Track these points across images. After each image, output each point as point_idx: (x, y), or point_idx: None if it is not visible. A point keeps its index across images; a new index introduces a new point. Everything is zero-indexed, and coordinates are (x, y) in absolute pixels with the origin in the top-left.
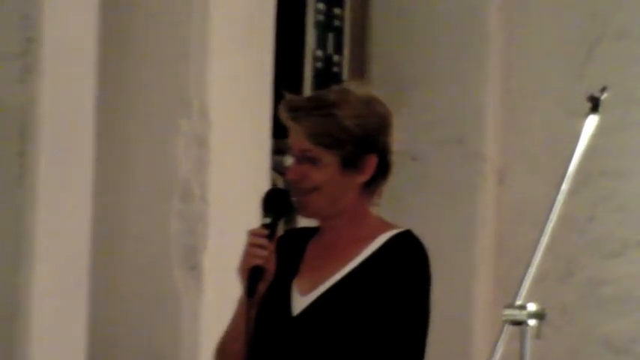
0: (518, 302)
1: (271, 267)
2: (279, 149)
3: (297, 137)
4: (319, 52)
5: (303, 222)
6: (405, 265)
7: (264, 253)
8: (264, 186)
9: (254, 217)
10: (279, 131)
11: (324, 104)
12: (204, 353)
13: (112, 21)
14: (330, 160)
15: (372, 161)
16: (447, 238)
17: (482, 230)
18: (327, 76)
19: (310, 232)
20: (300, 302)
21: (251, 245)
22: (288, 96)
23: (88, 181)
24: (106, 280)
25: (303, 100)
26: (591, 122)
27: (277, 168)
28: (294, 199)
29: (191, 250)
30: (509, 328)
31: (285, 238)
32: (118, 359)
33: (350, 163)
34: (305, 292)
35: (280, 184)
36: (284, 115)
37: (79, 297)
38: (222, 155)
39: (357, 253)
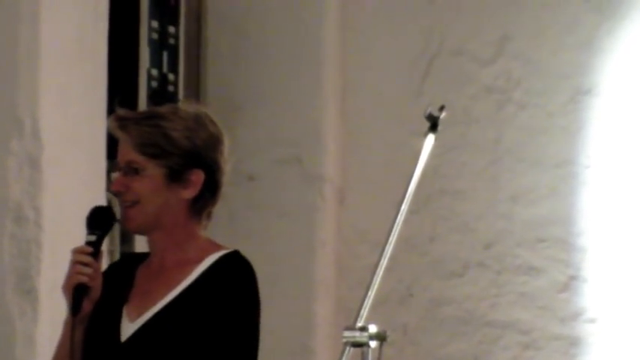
0: (359, 324)
1: (97, 284)
2: (115, 169)
3: (124, 148)
4: (154, 71)
5: (141, 244)
6: (231, 286)
7: (89, 270)
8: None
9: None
10: (114, 151)
11: (152, 115)
12: None
13: None
14: (154, 171)
15: (198, 176)
16: (286, 260)
17: (322, 251)
18: (162, 95)
19: (141, 257)
20: (128, 328)
21: (75, 263)
22: (119, 109)
23: None
24: None
25: (134, 112)
26: (430, 141)
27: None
28: (119, 213)
29: (25, 273)
30: (350, 350)
31: (117, 264)
32: None
33: (175, 176)
34: (133, 318)
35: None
36: (113, 125)
37: None
38: (55, 176)
39: (184, 277)
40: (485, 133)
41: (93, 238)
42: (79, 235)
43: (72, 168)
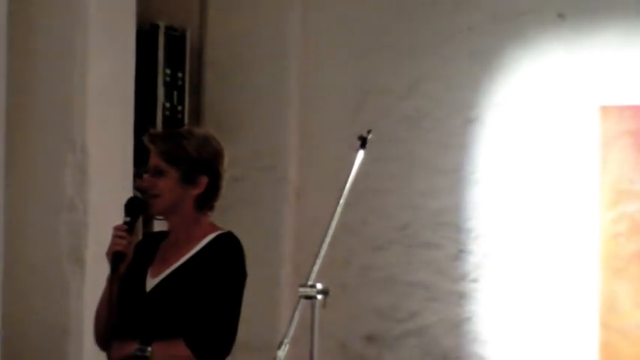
0: (310, 283)
1: (130, 252)
2: (139, 174)
3: (153, 156)
4: (167, 104)
5: (158, 226)
6: (225, 256)
7: (124, 242)
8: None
9: (121, 221)
10: (139, 160)
11: (174, 134)
12: (86, 322)
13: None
14: (173, 174)
15: (204, 180)
16: (260, 239)
17: (286, 232)
18: (173, 121)
19: (162, 234)
20: (151, 283)
21: (114, 236)
22: (152, 129)
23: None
24: (14, 271)
25: (161, 131)
26: (361, 154)
27: (138, 187)
28: (145, 202)
29: (76, 247)
30: (303, 302)
31: (145, 239)
32: (28, 331)
33: (187, 179)
34: (155, 276)
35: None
36: (146, 139)
37: None
38: (97, 178)
39: (191, 248)
40: (402, 148)
41: (128, 219)
42: (114, 219)
43: (109, 172)
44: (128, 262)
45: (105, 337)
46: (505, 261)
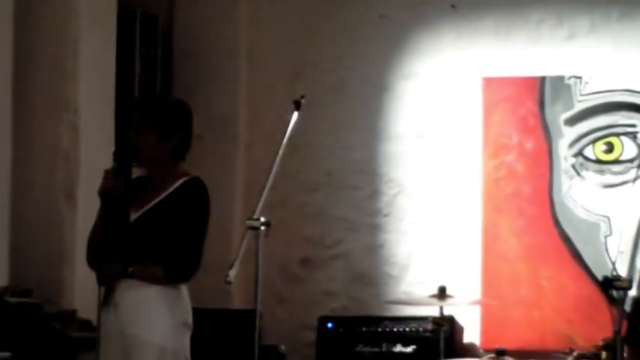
0: (255, 217)
1: (117, 191)
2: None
3: (137, 118)
4: (142, 75)
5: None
6: (193, 195)
7: (112, 182)
8: (110, 154)
9: (108, 166)
10: (119, 120)
11: (153, 100)
12: (78, 249)
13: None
14: (152, 132)
15: (177, 136)
16: (217, 183)
17: (237, 178)
18: (148, 89)
19: (143, 179)
20: (134, 215)
21: (105, 178)
22: (135, 96)
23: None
24: (20, 207)
25: (143, 98)
26: (295, 116)
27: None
28: (129, 152)
29: (70, 187)
30: (250, 232)
31: (131, 182)
32: (31, 256)
33: (164, 136)
34: (137, 210)
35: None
36: (131, 104)
37: (3, 219)
38: (87, 134)
39: (166, 189)
40: (329, 110)
41: (115, 165)
42: (100, 165)
43: (96, 128)
44: (117, 197)
45: (95, 259)
46: (410, 200)
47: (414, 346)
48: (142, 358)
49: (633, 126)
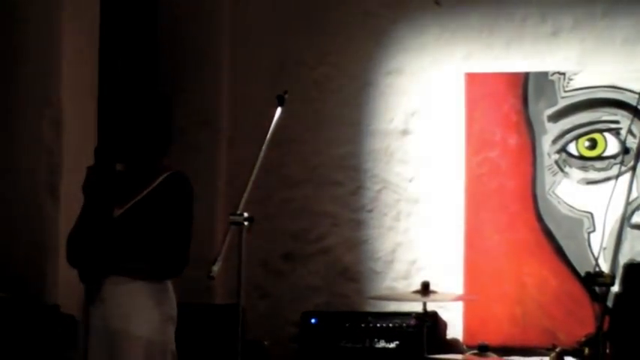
0: (238, 212)
1: (101, 187)
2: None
3: (120, 113)
4: (126, 72)
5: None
6: (177, 190)
7: (94, 178)
8: (92, 148)
9: (90, 162)
10: (102, 115)
11: (136, 95)
12: (60, 243)
13: None
14: (134, 127)
15: (159, 132)
16: (201, 178)
17: (221, 173)
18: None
19: (126, 173)
20: (118, 211)
21: (87, 175)
22: (119, 93)
23: None
24: (4, 202)
25: (126, 94)
26: (279, 111)
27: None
28: (110, 151)
29: (52, 182)
30: (233, 227)
31: (117, 174)
32: (15, 249)
33: (146, 131)
34: (122, 206)
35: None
36: (115, 100)
37: None
38: (69, 129)
39: (150, 184)
40: (313, 106)
41: (98, 161)
42: (83, 160)
43: (78, 123)
44: (99, 195)
45: (77, 257)
46: (393, 195)
47: (397, 342)
48: (130, 353)
49: (616, 122)
